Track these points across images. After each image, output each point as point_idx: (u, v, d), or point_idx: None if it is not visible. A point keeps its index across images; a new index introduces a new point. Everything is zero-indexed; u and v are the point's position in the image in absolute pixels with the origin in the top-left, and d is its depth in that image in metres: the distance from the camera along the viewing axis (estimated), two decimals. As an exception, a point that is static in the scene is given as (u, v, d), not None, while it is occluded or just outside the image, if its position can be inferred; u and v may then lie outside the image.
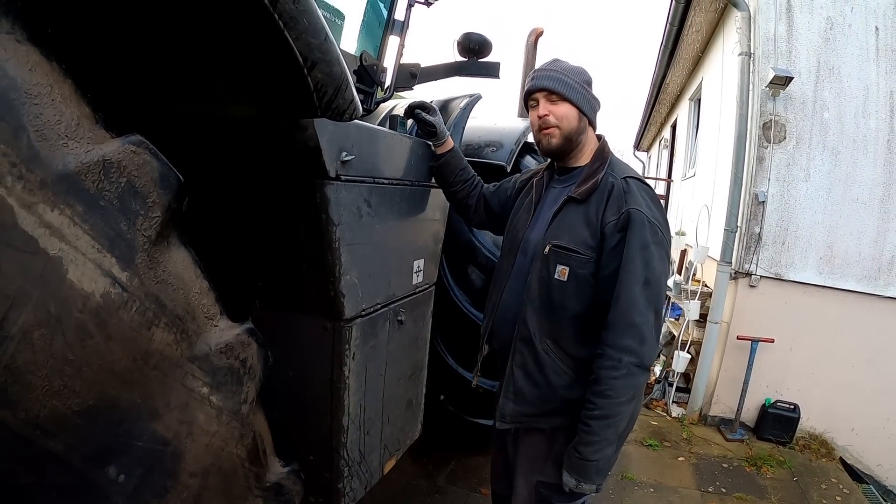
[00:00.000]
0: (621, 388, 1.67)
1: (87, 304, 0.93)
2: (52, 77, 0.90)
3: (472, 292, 2.94)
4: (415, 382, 2.52)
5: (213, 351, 1.21)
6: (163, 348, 1.08)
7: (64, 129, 0.91)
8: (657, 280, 1.69)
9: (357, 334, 1.91)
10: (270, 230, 1.78)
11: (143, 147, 1.02)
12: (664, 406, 5.55)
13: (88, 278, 0.93)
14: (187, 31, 1.25)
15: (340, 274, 1.75)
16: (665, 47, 7.75)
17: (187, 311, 1.13)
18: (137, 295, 1.01)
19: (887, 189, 4.93)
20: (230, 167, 1.70)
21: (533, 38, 4.15)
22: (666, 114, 12.34)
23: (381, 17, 2.83)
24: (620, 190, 1.76)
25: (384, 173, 1.94)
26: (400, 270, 2.19)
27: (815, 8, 5.02)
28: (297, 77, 1.27)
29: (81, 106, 0.95)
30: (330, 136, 1.57)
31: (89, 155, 0.93)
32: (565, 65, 1.89)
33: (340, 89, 1.36)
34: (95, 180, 0.94)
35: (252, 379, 1.32)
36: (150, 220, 1.03)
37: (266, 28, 1.15)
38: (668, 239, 1.76)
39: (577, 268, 1.77)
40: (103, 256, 0.95)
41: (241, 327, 1.29)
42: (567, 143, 1.89)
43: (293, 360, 1.92)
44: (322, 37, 1.26)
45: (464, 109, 2.69)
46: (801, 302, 5.09)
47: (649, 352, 1.68)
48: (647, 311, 1.67)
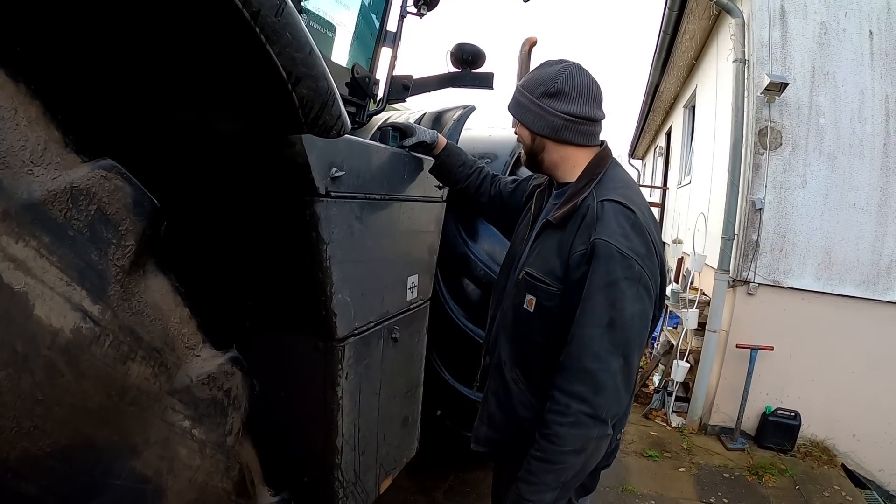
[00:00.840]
0: (567, 436, 1.48)
1: (56, 340, 0.88)
2: (17, 100, 0.86)
3: (467, 306, 2.90)
4: (410, 399, 2.47)
5: (195, 382, 1.15)
6: (140, 383, 1.03)
7: (29, 154, 0.86)
8: (627, 323, 1.47)
9: (350, 354, 1.86)
10: (260, 249, 1.73)
11: (115, 172, 0.97)
12: (664, 416, 5.51)
13: (57, 313, 0.88)
14: (167, 44, 1.20)
15: (332, 293, 1.70)
16: (659, 55, 7.76)
17: (166, 343, 1.08)
18: (111, 328, 0.96)
19: (884, 193, 4.93)
20: (219, 185, 1.66)
21: (527, 47, 4.13)
22: (661, 121, 12.38)
23: (373, 29, 2.80)
24: (594, 215, 1.56)
25: (376, 188, 1.90)
26: (393, 287, 2.14)
27: (808, 13, 5.02)
28: (281, 92, 1.22)
29: (49, 129, 0.90)
30: (319, 152, 1.52)
31: (56, 182, 0.89)
32: (532, 77, 1.74)
33: (327, 105, 1.31)
34: (63, 209, 0.89)
35: (237, 409, 1.27)
36: (122, 249, 0.97)
37: (248, 42, 1.10)
38: (649, 273, 1.52)
39: (544, 299, 1.62)
40: (73, 289, 0.90)
41: (224, 356, 1.23)
42: (531, 162, 1.81)
43: (285, 380, 1.87)
44: (307, 51, 1.21)
45: (457, 121, 2.65)
46: (800, 309, 5.07)
47: (607, 402, 1.47)
48: (607, 357, 1.46)
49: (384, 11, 2.84)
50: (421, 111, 2.98)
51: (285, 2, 1.12)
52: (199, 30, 1.12)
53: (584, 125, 1.69)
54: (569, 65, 1.71)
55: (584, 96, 1.68)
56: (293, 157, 1.48)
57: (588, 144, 1.74)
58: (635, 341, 1.51)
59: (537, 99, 1.70)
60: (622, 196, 1.59)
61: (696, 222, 6.23)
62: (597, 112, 1.71)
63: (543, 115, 1.69)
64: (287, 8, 1.13)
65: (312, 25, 2.33)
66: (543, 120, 1.70)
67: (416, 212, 2.26)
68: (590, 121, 1.70)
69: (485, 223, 2.97)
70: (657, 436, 5.08)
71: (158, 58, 1.24)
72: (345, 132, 1.44)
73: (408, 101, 3.12)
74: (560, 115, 1.68)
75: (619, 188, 1.64)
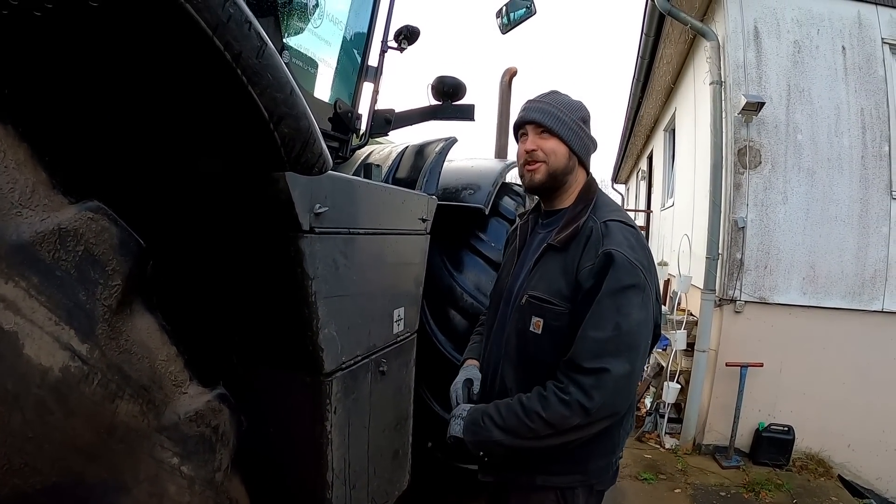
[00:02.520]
0: (552, 407, 1.52)
1: (45, 379, 0.89)
2: (5, 142, 0.88)
3: (454, 337, 2.90)
4: (400, 432, 2.46)
5: (183, 419, 1.16)
6: (128, 420, 1.04)
7: (18, 196, 0.88)
8: (632, 328, 1.53)
9: (338, 388, 1.86)
10: (246, 285, 1.74)
11: (101, 213, 0.99)
12: (657, 438, 5.49)
13: (46, 352, 0.89)
14: (151, 87, 1.23)
15: (318, 328, 1.71)
16: (637, 80, 7.89)
17: (153, 381, 1.10)
18: (99, 367, 0.98)
19: (864, 205, 5.02)
20: (204, 223, 1.67)
21: (507, 78, 4.21)
22: (642, 145, 12.54)
23: (354, 64, 2.85)
24: (599, 234, 1.62)
25: (360, 223, 1.92)
26: (380, 320, 2.15)
27: (781, 32, 5.16)
28: (263, 132, 1.26)
29: (37, 171, 0.93)
30: (302, 189, 1.55)
31: (44, 223, 0.91)
32: (562, 98, 1.79)
33: (308, 143, 1.34)
34: (51, 250, 0.91)
35: (225, 446, 1.28)
36: (110, 289, 0.99)
37: (229, 83, 1.14)
38: (652, 284, 1.61)
39: (552, 320, 1.64)
40: (61, 329, 0.92)
41: (211, 393, 1.24)
42: (552, 180, 1.77)
43: (274, 416, 1.86)
44: (287, 91, 1.24)
45: (439, 154, 2.69)
46: (788, 323, 5.12)
47: (602, 401, 1.50)
48: (610, 360, 1.50)
49: (365, 46, 2.89)
50: (404, 144, 3.02)
51: (266, 43, 1.16)
52: (183, 72, 1.15)
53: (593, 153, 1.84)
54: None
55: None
56: (277, 195, 1.50)
57: (589, 171, 1.85)
58: (640, 347, 1.57)
59: (577, 120, 1.77)
60: (621, 217, 1.70)
61: (681, 244, 6.29)
62: None
63: (582, 137, 1.78)
64: (267, 49, 1.16)
65: (295, 62, 2.37)
66: (581, 141, 1.78)
67: (401, 244, 2.29)
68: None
69: (470, 254, 3.00)
70: (651, 458, 5.06)
71: (143, 100, 1.27)
72: (326, 169, 1.47)
73: (390, 134, 3.16)
74: (592, 140, 1.81)
75: (614, 211, 1.74)
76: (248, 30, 1.11)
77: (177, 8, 0.97)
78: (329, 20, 2.63)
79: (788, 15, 5.19)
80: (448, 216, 2.78)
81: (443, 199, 2.70)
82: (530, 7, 2.98)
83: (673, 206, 8.25)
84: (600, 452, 1.74)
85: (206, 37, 1.04)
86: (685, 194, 7.10)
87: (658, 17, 6.00)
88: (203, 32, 1.03)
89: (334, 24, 2.69)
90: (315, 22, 2.55)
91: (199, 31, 1.02)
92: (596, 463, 1.74)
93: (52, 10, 0.98)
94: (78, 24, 1.03)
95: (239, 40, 1.09)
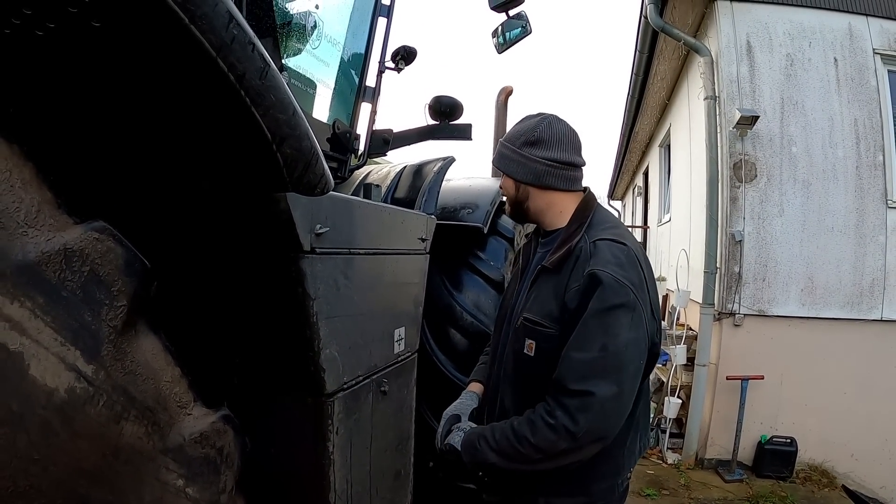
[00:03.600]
0: (540, 433, 1.51)
1: (51, 400, 0.89)
2: (11, 161, 0.88)
3: (455, 356, 2.89)
4: (402, 452, 2.45)
5: (188, 441, 1.16)
6: (133, 442, 1.04)
7: (23, 216, 0.89)
8: (620, 349, 1.50)
9: (340, 409, 1.85)
10: (247, 306, 1.74)
11: (107, 233, 1.00)
12: (659, 453, 5.47)
13: (52, 373, 0.89)
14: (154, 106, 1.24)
15: (319, 348, 1.70)
16: (632, 97, 7.96)
17: (158, 402, 1.09)
18: (104, 388, 0.97)
19: (860, 215, 5.06)
20: (206, 243, 1.68)
21: (503, 97, 4.23)
22: (637, 162, 12.60)
23: (352, 85, 2.87)
24: (587, 254, 1.61)
25: (360, 243, 1.93)
26: (381, 340, 2.14)
27: (774, 46, 5.22)
28: (265, 152, 1.26)
29: (42, 190, 0.93)
30: (303, 210, 1.55)
31: (50, 244, 0.91)
32: (514, 130, 1.83)
33: (310, 164, 1.35)
34: (57, 270, 0.91)
35: (230, 467, 1.27)
36: (115, 310, 1.00)
37: (233, 104, 1.15)
38: (645, 302, 1.57)
39: (543, 342, 1.64)
40: (67, 350, 0.92)
41: (216, 414, 1.24)
42: (515, 212, 1.87)
43: (276, 437, 1.85)
44: (290, 112, 1.25)
45: (437, 173, 2.70)
46: (787, 335, 5.13)
47: (588, 425, 1.47)
48: (597, 381, 1.47)
49: (363, 67, 2.92)
50: (402, 164, 3.03)
51: (269, 64, 1.17)
52: (187, 92, 1.16)
53: (565, 170, 1.76)
54: (547, 116, 1.80)
55: (563, 143, 1.75)
56: (278, 215, 1.50)
57: (571, 189, 1.80)
58: (628, 369, 1.53)
59: (519, 148, 1.77)
60: (613, 234, 1.66)
61: (679, 259, 6.31)
62: (576, 157, 1.78)
63: (525, 163, 1.76)
64: (270, 71, 1.17)
65: (294, 83, 2.39)
66: (525, 167, 1.76)
67: (401, 264, 2.29)
68: (570, 166, 1.77)
69: (469, 273, 2.99)
70: (654, 474, 5.04)
71: (146, 119, 1.28)
72: (328, 190, 1.48)
73: (388, 154, 3.18)
74: (541, 161, 1.74)
75: (608, 228, 1.71)
76: (252, 51, 1.12)
77: (181, 29, 0.98)
78: (327, 41, 2.66)
79: (780, 28, 5.26)
80: (447, 235, 2.78)
81: (441, 218, 2.70)
82: (525, 26, 3.00)
83: (670, 222, 8.28)
84: (602, 474, 1.72)
85: (210, 58, 1.05)
86: (682, 209, 7.13)
87: (651, 33, 6.07)
88: (207, 53, 1.04)
89: (332, 45, 2.71)
90: (313, 43, 2.57)
91: (203, 52, 1.03)
92: (598, 485, 1.72)
93: (55, 29, 0.99)
94: (81, 43, 1.04)
95: (242, 61, 1.10)
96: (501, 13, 2.94)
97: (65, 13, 0.95)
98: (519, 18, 2.97)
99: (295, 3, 2.47)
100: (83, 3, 0.92)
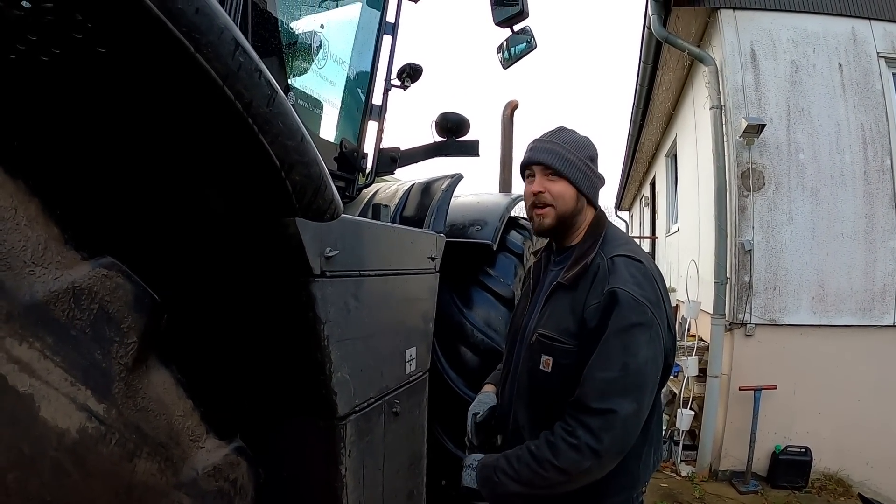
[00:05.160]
0: (563, 454, 1.49)
1: (62, 441, 0.88)
2: (17, 198, 0.87)
3: (466, 374, 2.88)
4: (414, 472, 2.43)
5: (201, 475, 1.15)
6: (147, 479, 1.03)
7: (30, 254, 0.87)
8: (640, 367, 1.51)
9: (352, 431, 1.84)
10: (258, 331, 1.73)
11: (115, 269, 0.99)
12: (672, 466, 5.41)
13: (63, 414, 0.88)
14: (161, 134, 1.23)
15: (331, 372, 1.69)
16: (637, 108, 7.97)
17: (170, 437, 1.08)
18: (116, 427, 0.96)
19: (870, 220, 5.03)
20: (215, 271, 1.67)
21: (509, 111, 4.25)
22: (644, 172, 12.60)
23: (359, 103, 2.88)
24: (605, 271, 1.60)
25: (370, 265, 1.92)
26: (392, 361, 2.13)
27: (778, 53, 5.21)
28: (274, 179, 1.25)
29: (49, 227, 0.92)
30: (313, 233, 1.54)
31: (58, 282, 0.90)
32: (569, 136, 1.76)
33: (319, 190, 1.34)
34: (65, 309, 0.90)
35: (244, 499, 1.26)
36: (125, 347, 0.99)
37: (240, 131, 1.14)
38: (662, 319, 1.58)
39: (560, 358, 1.62)
40: (77, 389, 0.90)
41: (229, 446, 1.23)
42: (560, 224, 1.74)
43: (287, 462, 1.84)
44: (298, 138, 1.24)
45: (446, 191, 2.69)
46: (799, 344, 5.08)
47: (612, 443, 1.48)
48: (619, 400, 1.48)
49: (369, 85, 2.92)
50: (410, 182, 3.03)
51: (276, 91, 1.16)
52: (194, 120, 1.16)
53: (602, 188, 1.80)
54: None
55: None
56: (287, 240, 1.50)
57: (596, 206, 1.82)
58: (647, 386, 1.54)
59: (586, 160, 1.74)
60: (628, 251, 1.66)
61: (688, 269, 6.28)
62: None
63: (591, 178, 1.75)
64: (278, 97, 1.16)
65: (300, 103, 2.39)
66: (590, 182, 1.75)
67: (411, 284, 2.28)
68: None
69: (479, 290, 2.99)
70: (668, 487, 4.98)
71: (153, 147, 1.27)
72: (338, 215, 1.47)
73: (396, 172, 3.18)
74: (600, 179, 1.78)
75: (622, 245, 1.70)
76: (259, 78, 1.11)
77: (187, 58, 0.97)
78: (333, 60, 2.67)
79: (784, 35, 5.24)
80: (456, 252, 2.78)
81: (450, 235, 2.70)
82: (531, 41, 3.00)
83: (678, 232, 8.25)
84: (618, 488, 1.70)
85: (217, 86, 1.04)
86: (690, 219, 7.11)
87: (655, 44, 6.08)
88: (214, 82, 1.03)
89: (338, 64, 2.72)
90: (319, 62, 2.58)
91: (209, 80, 1.02)
92: (614, 499, 1.71)
93: (60, 56, 0.99)
94: (86, 71, 1.03)
95: (249, 89, 1.09)
96: (506, 28, 2.95)
97: (69, 39, 0.94)
98: (524, 33, 2.98)
99: (300, 23, 2.48)
100: (87, 28, 0.91)
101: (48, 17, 0.90)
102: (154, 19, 0.88)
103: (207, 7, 0.96)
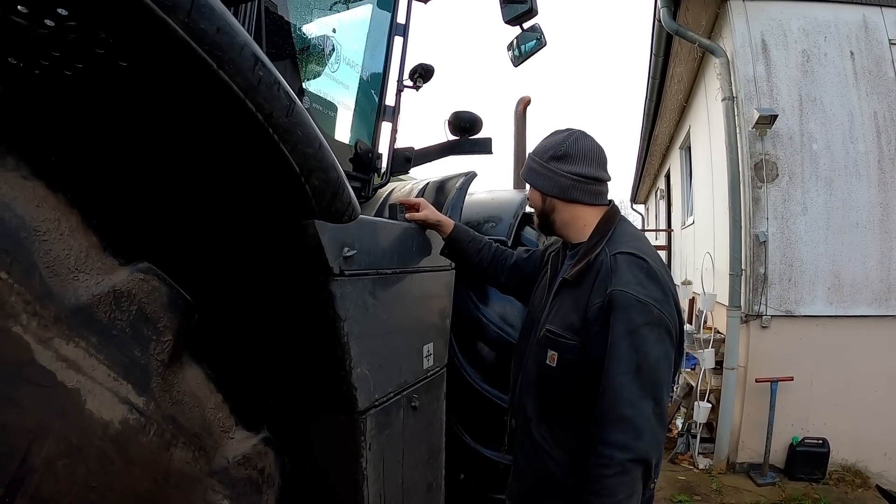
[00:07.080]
0: (616, 485, 1.50)
1: (106, 431, 0.95)
2: (58, 210, 0.94)
3: (483, 369, 2.92)
4: (433, 466, 2.48)
5: (231, 463, 1.22)
6: (182, 466, 1.10)
7: (73, 262, 0.94)
8: (653, 366, 1.54)
9: (372, 425, 1.90)
10: (280, 330, 1.79)
11: (151, 273, 1.06)
12: (690, 459, 5.43)
13: (107, 407, 0.95)
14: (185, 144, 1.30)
15: (351, 368, 1.75)
16: (650, 101, 7.94)
17: (203, 428, 1.15)
18: (155, 418, 1.03)
19: (885, 209, 5.01)
20: (239, 273, 1.74)
21: (521, 107, 4.27)
22: (659, 164, 12.52)
23: (372, 105, 2.92)
24: (608, 269, 1.64)
25: (387, 263, 1.98)
26: (410, 356, 2.19)
27: (789, 43, 5.20)
28: (294, 184, 1.32)
29: (89, 235, 0.99)
30: (331, 234, 1.60)
31: (99, 286, 0.97)
32: (543, 143, 1.88)
33: (338, 193, 1.40)
34: (107, 311, 0.97)
35: (271, 487, 1.33)
36: (162, 345, 1.06)
37: (262, 140, 1.20)
38: (668, 316, 1.60)
39: (564, 353, 1.67)
40: (119, 384, 0.98)
41: (256, 437, 1.30)
42: (542, 224, 1.92)
43: (310, 456, 1.90)
44: (316, 145, 1.30)
45: (460, 189, 2.73)
46: (815, 335, 5.08)
47: (647, 445, 1.51)
48: (640, 402, 1.51)
49: (382, 87, 2.96)
50: (424, 180, 3.08)
51: (294, 102, 1.22)
52: (217, 131, 1.22)
53: (590, 185, 1.80)
54: (575, 131, 1.84)
55: (589, 158, 1.80)
56: (307, 241, 1.56)
57: (596, 204, 1.84)
58: (663, 382, 1.57)
59: (546, 162, 1.82)
60: (633, 248, 1.68)
61: (703, 262, 6.28)
62: (601, 173, 1.83)
63: (551, 177, 1.81)
64: (296, 108, 1.23)
65: (315, 107, 2.45)
66: (551, 181, 1.81)
67: (427, 281, 2.34)
68: (595, 181, 1.81)
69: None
70: (685, 480, 5.01)
71: (176, 157, 1.34)
72: (356, 217, 1.53)
73: (410, 171, 3.22)
74: (567, 175, 1.79)
75: (629, 241, 1.73)
76: (278, 90, 1.17)
77: (211, 75, 1.03)
78: (345, 63, 2.72)
79: (794, 25, 5.23)
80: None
81: (466, 232, 2.74)
82: (540, 38, 3.03)
83: (693, 224, 8.23)
84: None
85: (240, 99, 1.10)
86: (705, 211, 7.10)
87: (666, 37, 6.08)
88: (236, 96, 1.09)
89: (351, 67, 2.77)
90: (332, 66, 2.63)
91: (232, 94, 1.08)
92: None
93: (84, 70, 1.06)
94: (115, 88, 1.10)
95: (269, 101, 1.16)
96: (516, 26, 2.98)
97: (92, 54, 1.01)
98: (533, 31, 3.00)
99: (312, 28, 2.54)
100: (109, 44, 0.97)
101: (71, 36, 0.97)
102: (179, 41, 0.94)
103: (228, 26, 1.02)
